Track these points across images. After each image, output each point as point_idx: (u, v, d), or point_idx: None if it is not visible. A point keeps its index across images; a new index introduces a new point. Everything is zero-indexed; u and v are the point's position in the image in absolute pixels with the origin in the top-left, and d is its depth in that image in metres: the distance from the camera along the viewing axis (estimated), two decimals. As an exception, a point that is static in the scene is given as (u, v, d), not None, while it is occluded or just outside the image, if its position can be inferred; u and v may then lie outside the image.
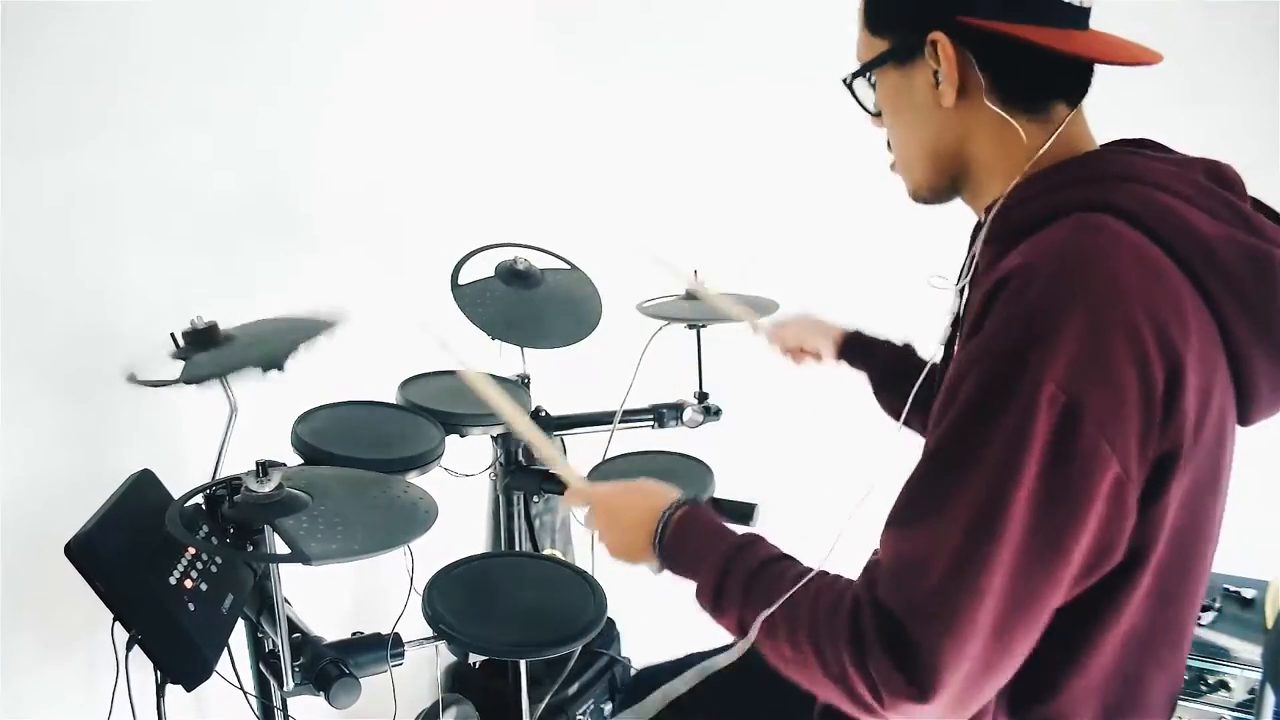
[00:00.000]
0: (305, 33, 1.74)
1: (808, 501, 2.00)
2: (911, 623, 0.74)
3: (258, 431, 1.28)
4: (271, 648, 1.27)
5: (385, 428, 1.48)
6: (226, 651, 1.17)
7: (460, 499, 1.60)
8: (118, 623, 1.04)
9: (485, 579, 1.38)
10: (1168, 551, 0.79)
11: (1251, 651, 1.68)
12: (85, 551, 1.01)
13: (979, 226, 0.94)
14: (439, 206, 2.11)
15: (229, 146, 1.59)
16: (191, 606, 1.09)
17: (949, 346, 0.97)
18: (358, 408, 1.52)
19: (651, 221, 2.39)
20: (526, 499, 1.82)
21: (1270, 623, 1.75)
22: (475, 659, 1.76)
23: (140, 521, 1.10)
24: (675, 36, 2.31)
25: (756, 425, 1.87)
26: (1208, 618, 1.77)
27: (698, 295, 1.70)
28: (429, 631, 1.26)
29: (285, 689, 1.18)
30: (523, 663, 1.35)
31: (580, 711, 1.69)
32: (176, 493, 1.12)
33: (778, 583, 0.85)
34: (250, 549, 1.18)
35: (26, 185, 1.29)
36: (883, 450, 1.31)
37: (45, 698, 1.37)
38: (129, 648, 1.03)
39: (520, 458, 1.79)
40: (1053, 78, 0.85)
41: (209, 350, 1.20)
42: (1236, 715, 1.68)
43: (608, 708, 1.75)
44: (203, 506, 1.15)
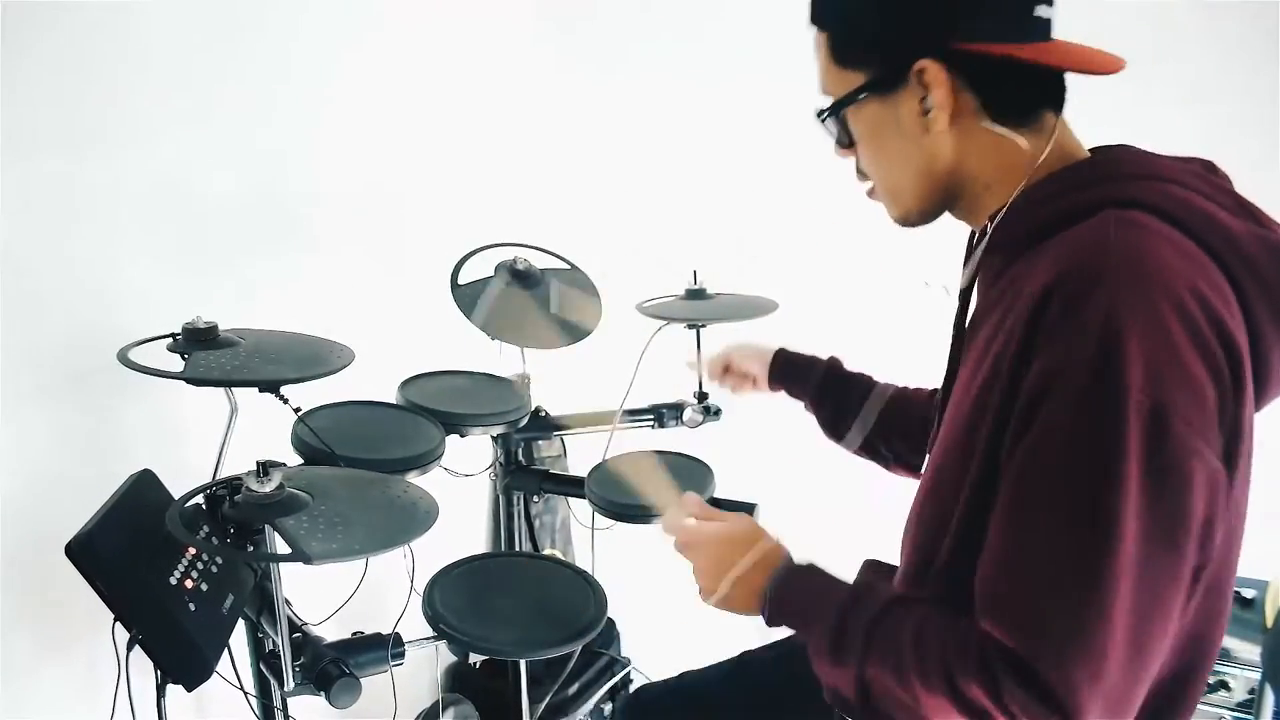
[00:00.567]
0: (305, 33, 1.74)
1: (808, 501, 2.00)
2: (1039, 657, 0.73)
3: (258, 431, 1.28)
4: (272, 648, 1.27)
5: (385, 428, 1.48)
6: (227, 651, 1.17)
7: (460, 499, 1.60)
8: (118, 623, 1.04)
9: (485, 579, 1.38)
10: (1223, 539, 0.79)
11: (1251, 651, 1.68)
12: (85, 551, 1.01)
13: (977, 237, 0.93)
14: (439, 206, 2.11)
15: (229, 147, 1.59)
16: (192, 606, 1.09)
17: (954, 357, 0.96)
18: (358, 408, 1.52)
19: (651, 221, 2.39)
20: (526, 499, 1.82)
21: (1270, 623, 1.75)
22: (475, 659, 1.76)
23: (140, 521, 1.10)
24: (675, 36, 2.31)
25: (756, 425, 1.87)
26: (1207, 618, 1.77)
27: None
28: (429, 631, 1.26)
29: (285, 689, 1.18)
30: (523, 663, 1.35)
31: (580, 712, 1.69)
32: (177, 493, 1.12)
33: (898, 634, 0.83)
34: (251, 549, 1.18)
35: (26, 185, 1.29)
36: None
37: (45, 698, 1.37)
38: (129, 648, 1.03)
39: (520, 458, 1.79)
40: (1040, 90, 0.85)
41: (209, 351, 1.20)
42: (1236, 715, 1.68)
43: (608, 708, 1.76)
44: (203, 506, 1.15)
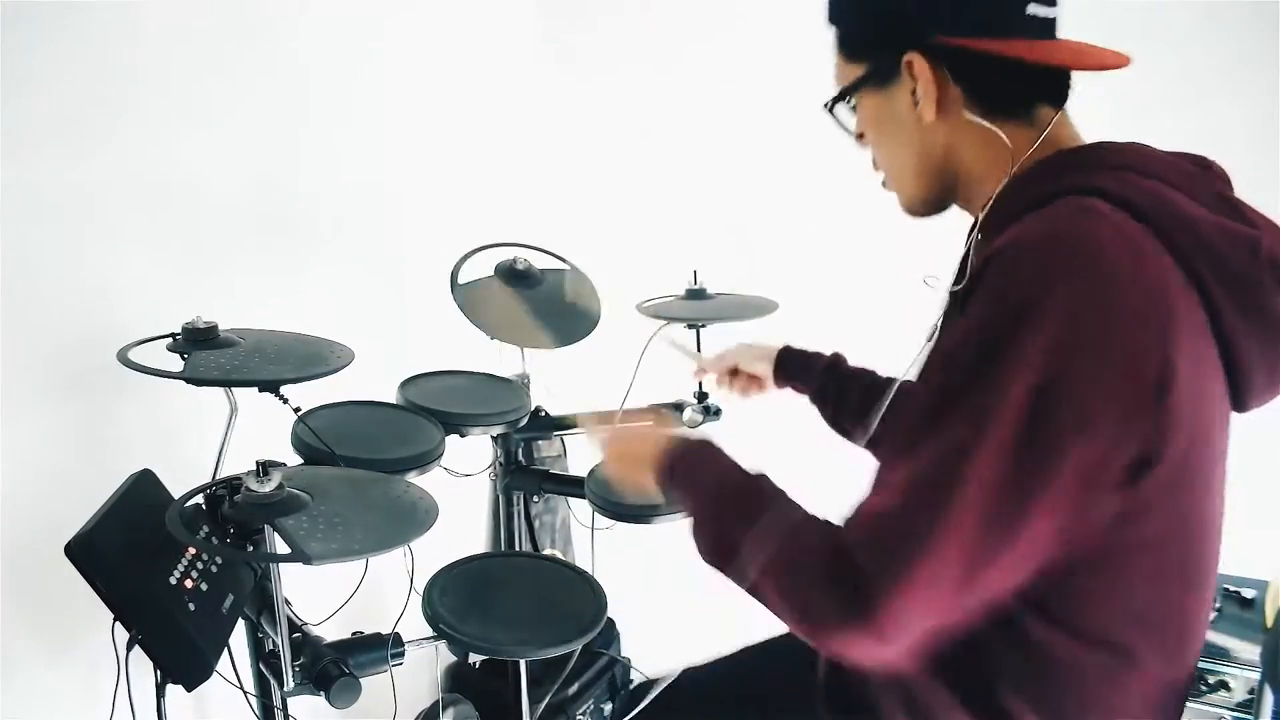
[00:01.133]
0: (306, 33, 1.74)
1: (808, 501, 2.00)
2: (868, 552, 0.76)
3: (258, 431, 1.28)
4: (272, 648, 1.27)
5: (385, 428, 1.48)
6: (227, 651, 1.17)
7: (460, 499, 1.60)
8: (118, 623, 1.04)
9: (485, 579, 1.38)
10: (1165, 537, 0.80)
11: (1251, 651, 1.68)
12: (85, 551, 1.01)
13: (971, 230, 0.95)
14: (439, 206, 2.11)
15: (230, 147, 1.59)
16: (192, 606, 1.09)
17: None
18: (358, 408, 1.52)
19: (651, 222, 2.39)
20: (526, 499, 1.82)
21: (1270, 623, 1.75)
22: (475, 659, 1.76)
23: (140, 521, 1.10)
24: (676, 36, 2.31)
25: (756, 425, 1.87)
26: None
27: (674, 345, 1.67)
28: (429, 631, 1.26)
29: (285, 689, 1.18)
30: (523, 663, 1.35)
31: (580, 711, 1.69)
32: (176, 493, 1.12)
33: (765, 504, 0.88)
34: (250, 549, 1.18)
35: (27, 185, 1.29)
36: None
37: (45, 698, 1.37)
38: (129, 648, 1.03)
39: (520, 458, 1.79)
40: (1028, 84, 0.86)
41: (209, 351, 1.20)
42: (1236, 715, 1.68)
43: (608, 708, 1.76)
44: (203, 506, 1.15)
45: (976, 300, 0.77)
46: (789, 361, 1.44)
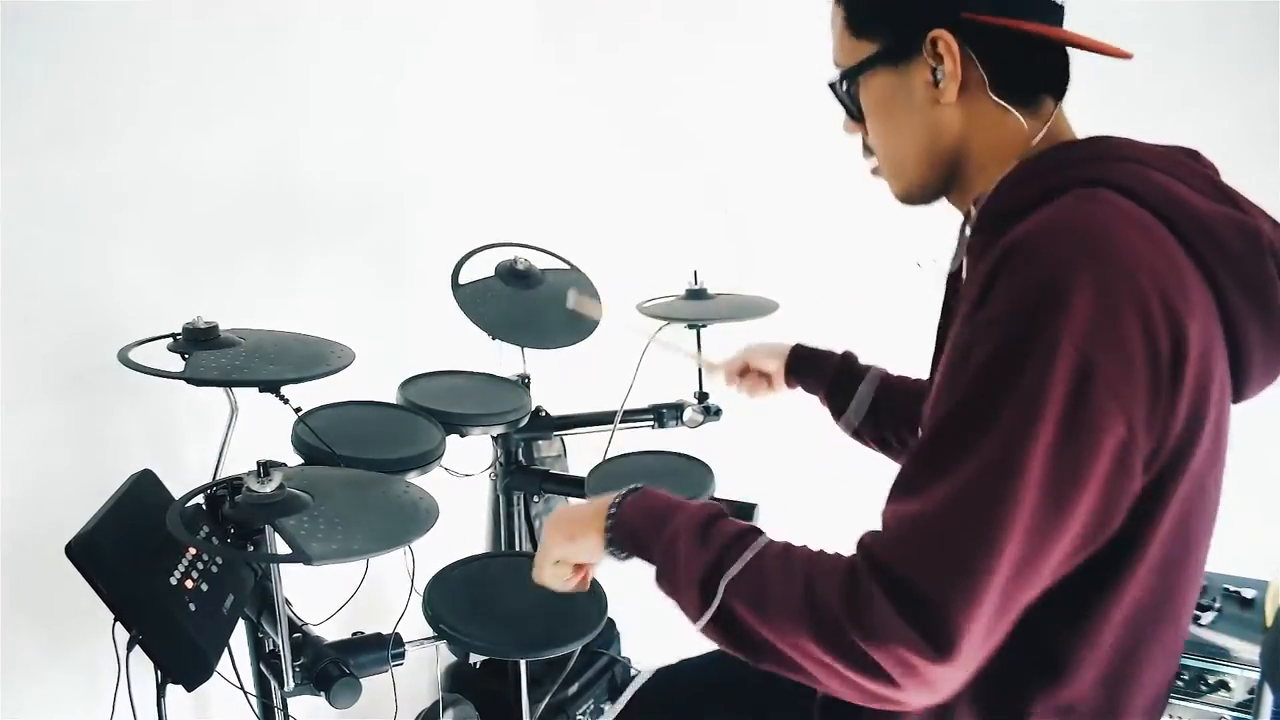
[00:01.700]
0: (306, 33, 1.74)
1: (808, 501, 2.00)
2: (925, 578, 0.72)
3: (258, 431, 1.28)
4: (272, 648, 1.27)
5: (385, 428, 1.48)
6: (227, 651, 1.17)
7: (460, 499, 1.60)
8: (118, 623, 1.04)
9: (485, 579, 1.38)
10: (1172, 525, 0.80)
11: (1251, 651, 1.68)
12: (86, 551, 1.01)
13: (964, 221, 0.94)
14: (439, 206, 2.11)
15: (230, 147, 1.59)
16: (192, 606, 1.09)
17: (941, 336, 0.98)
18: (358, 408, 1.52)
19: (651, 222, 2.39)
20: (526, 499, 1.82)
21: (1270, 622, 1.75)
22: (475, 659, 1.76)
23: (141, 521, 1.10)
24: (676, 36, 2.31)
25: (756, 425, 1.87)
26: (1208, 618, 1.77)
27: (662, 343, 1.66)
28: (429, 631, 1.26)
29: (286, 689, 1.18)
30: (523, 663, 1.35)
31: (580, 711, 1.69)
32: (177, 493, 1.12)
33: (758, 552, 0.83)
34: (251, 549, 1.18)
35: (27, 185, 1.29)
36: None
37: (45, 698, 1.37)
38: (130, 648, 1.03)
39: (520, 458, 1.79)
40: (1044, 71, 0.87)
41: (209, 351, 1.20)
42: (1236, 715, 1.68)
43: (608, 708, 1.76)
44: (203, 506, 1.15)
45: (998, 295, 0.76)
46: (800, 360, 1.42)
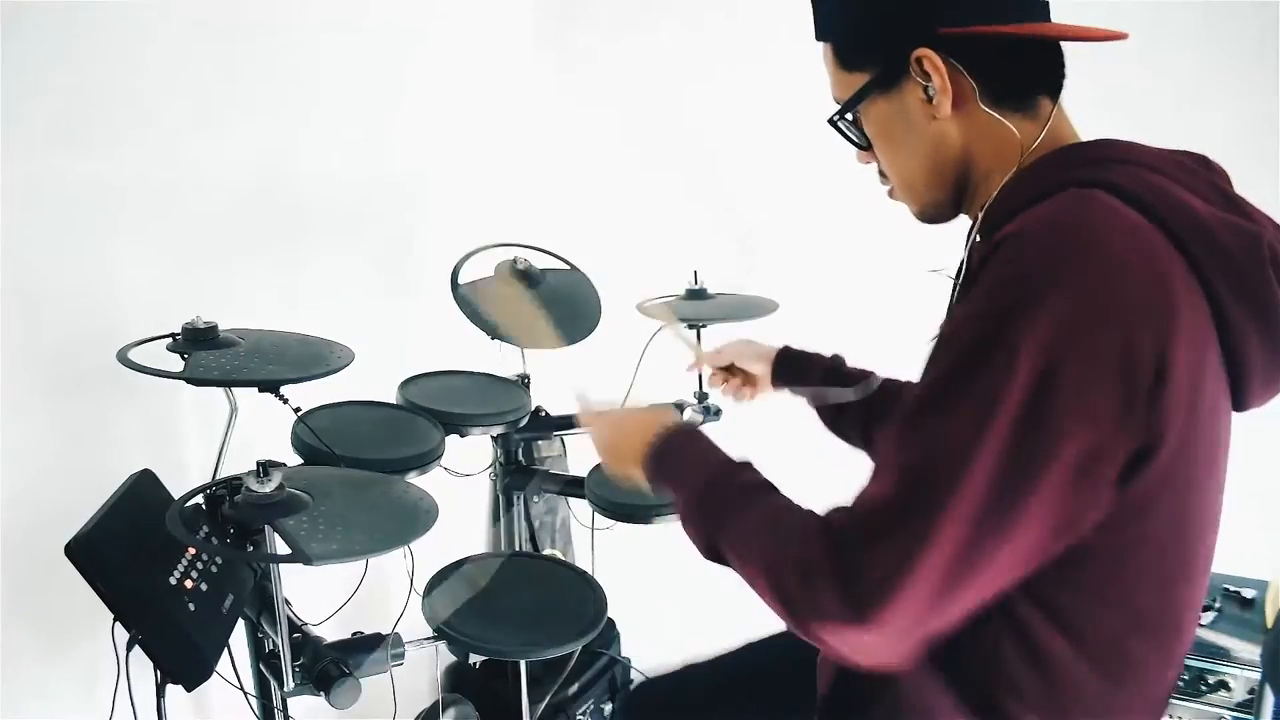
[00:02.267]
0: (305, 33, 1.74)
1: (807, 502, 2.00)
2: (867, 557, 0.75)
3: (258, 431, 1.28)
4: (272, 648, 1.27)
5: (385, 428, 1.48)
6: (227, 651, 1.17)
7: (460, 499, 1.60)
8: (118, 623, 1.04)
9: (485, 579, 1.38)
10: (1168, 534, 0.80)
11: (1251, 651, 1.68)
12: (85, 551, 1.01)
13: (971, 225, 0.94)
14: (439, 206, 2.11)
15: (230, 147, 1.59)
16: (192, 606, 1.09)
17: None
18: (358, 408, 1.52)
19: (652, 222, 2.39)
20: (526, 499, 1.82)
21: (1270, 623, 1.75)
22: (475, 659, 1.76)
23: (140, 521, 1.10)
24: (676, 36, 2.31)
25: (756, 425, 1.87)
26: (1208, 618, 1.77)
27: (648, 312, 1.70)
28: (429, 631, 1.26)
29: (285, 689, 1.18)
30: (523, 663, 1.35)
31: (580, 711, 1.69)
32: (176, 493, 1.12)
33: (759, 508, 0.87)
34: (251, 549, 1.18)
35: (28, 184, 1.29)
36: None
37: (45, 698, 1.37)
38: (129, 648, 1.03)
39: (520, 458, 1.79)
40: (1034, 71, 0.87)
41: (208, 351, 1.20)
42: (1236, 715, 1.68)
43: (607, 708, 1.76)
44: (203, 507, 1.15)
45: (979, 288, 0.76)
46: (787, 363, 1.40)
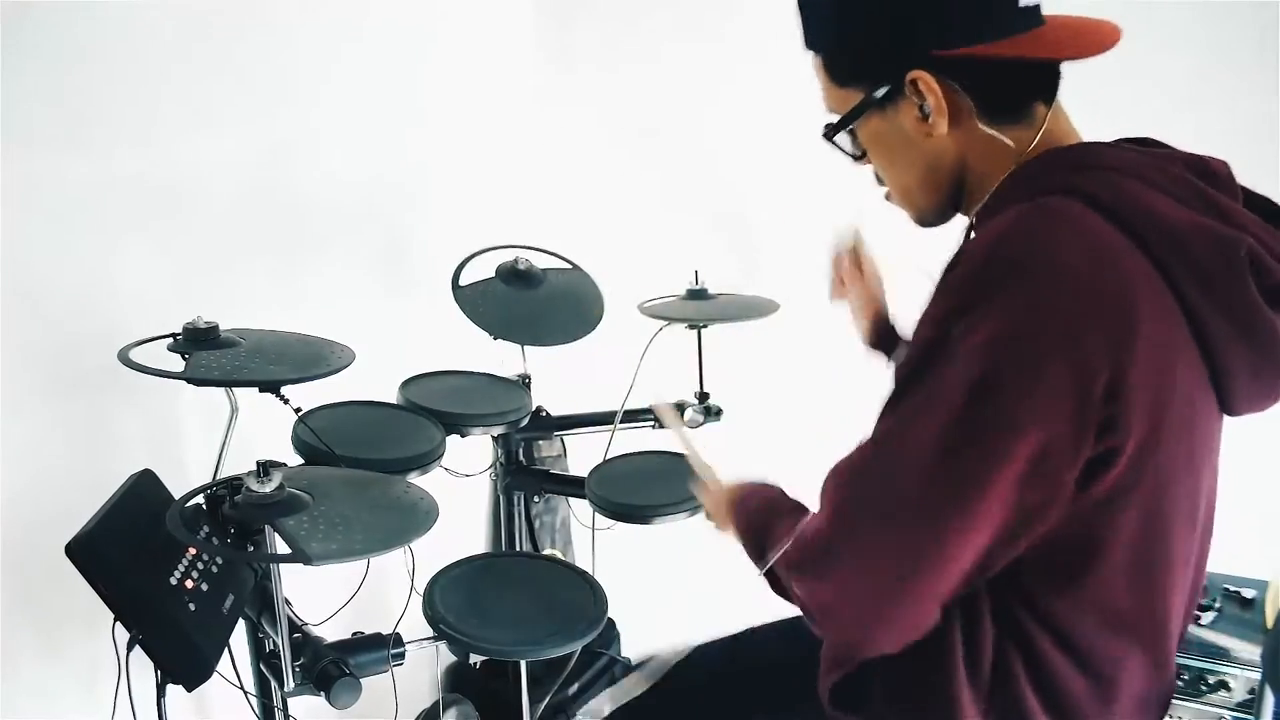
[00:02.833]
0: (306, 33, 1.73)
1: (808, 501, 2.00)
2: (828, 522, 0.84)
3: (258, 431, 1.28)
4: (272, 648, 1.27)
5: (385, 428, 1.48)
6: (227, 651, 1.17)
7: (460, 499, 1.60)
8: (118, 623, 1.04)
9: (485, 579, 1.38)
10: (1140, 533, 0.81)
11: (1251, 651, 1.68)
12: (86, 551, 1.01)
13: (968, 227, 0.96)
14: (439, 207, 2.11)
15: (230, 147, 1.59)
16: (192, 606, 1.09)
17: None
18: (358, 408, 1.52)
19: (653, 221, 2.39)
20: (526, 499, 1.82)
21: (1270, 623, 1.75)
22: (475, 659, 1.76)
23: (141, 521, 1.10)
24: (676, 35, 2.30)
25: (756, 425, 1.87)
26: (1208, 618, 1.77)
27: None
28: (429, 631, 1.26)
29: (286, 689, 1.18)
30: (523, 663, 1.35)
31: (580, 711, 1.69)
32: (177, 493, 1.12)
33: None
34: (251, 549, 1.18)
35: (27, 185, 1.29)
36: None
37: (45, 698, 1.37)
38: (129, 648, 1.03)
39: (520, 457, 1.79)
40: (1029, 84, 0.87)
41: (209, 351, 1.20)
42: (1236, 715, 1.68)
43: (607, 708, 1.75)
44: (203, 507, 1.15)
45: (935, 293, 0.81)
46: (886, 335, 1.35)
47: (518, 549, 1.81)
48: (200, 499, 1.14)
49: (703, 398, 1.80)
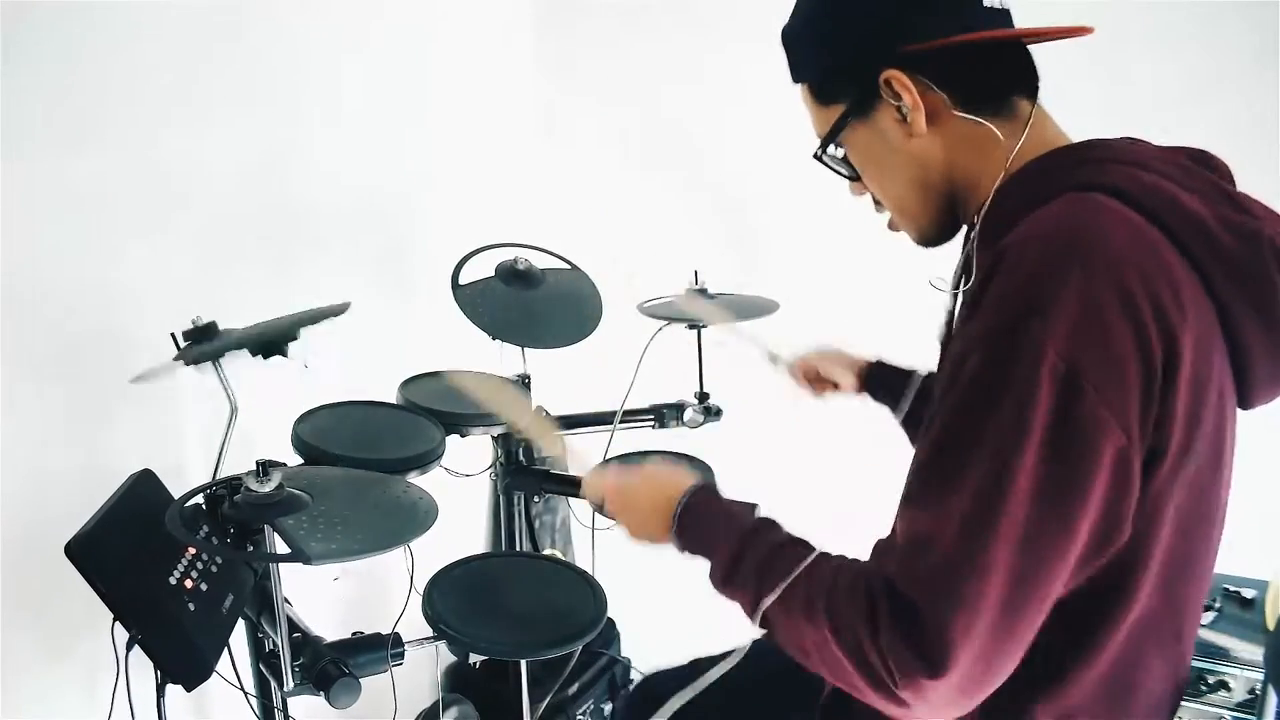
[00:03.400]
0: (306, 33, 1.74)
1: (808, 501, 2.00)
2: (921, 597, 0.73)
3: (258, 431, 1.28)
4: (271, 648, 1.27)
5: (385, 428, 1.48)
6: (226, 651, 1.17)
7: (460, 499, 1.60)
8: (118, 623, 1.04)
9: (485, 579, 1.38)
10: (1173, 534, 0.80)
11: (1251, 651, 1.68)
12: (85, 551, 1.01)
13: (969, 232, 0.94)
14: (439, 207, 2.11)
15: (230, 147, 1.59)
16: (191, 606, 1.09)
17: (945, 348, 0.97)
18: (358, 408, 1.52)
19: (652, 222, 2.39)
20: (526, 499, 1.82)
21: (1270, 623, 1.75)
22: (475, 659, 1.76)
23: (140, 521, 1.10)
24: (676, 35, 2.30)
25: (756, 425, 1.87)
26: (1208, 618, 1.77)
27: (702, 318, 1.68)
28: (429, 631, 1.26)
29: (285, 689, 1.18)
30: (523, 663, 1.35)
31: (580, 711, 1.69)
32: (176, 493, 1.12)
33: (792, 564, 0.85)
34: (250, 549, 1.18)
35: (26, 185, 1.29)
36: (882, 451, 1.32)
37: (45, 698, 1.37)
38: (129, 648, 1.03)
39: (520, 458, 1.79)
40: (1003, 74, 0.87)
41: (207, 344, 1.20)
42: (1236, 715, 1.68)
43: (608, 708, 1.76)
44: (203, 506, 1.15)
45: (986, 303, 0.76)
46: (878, 379, 1.38)
47: (518, 549, 1.81)
48: (200, 499, 1.14)
49: (703, 398, 1.80)
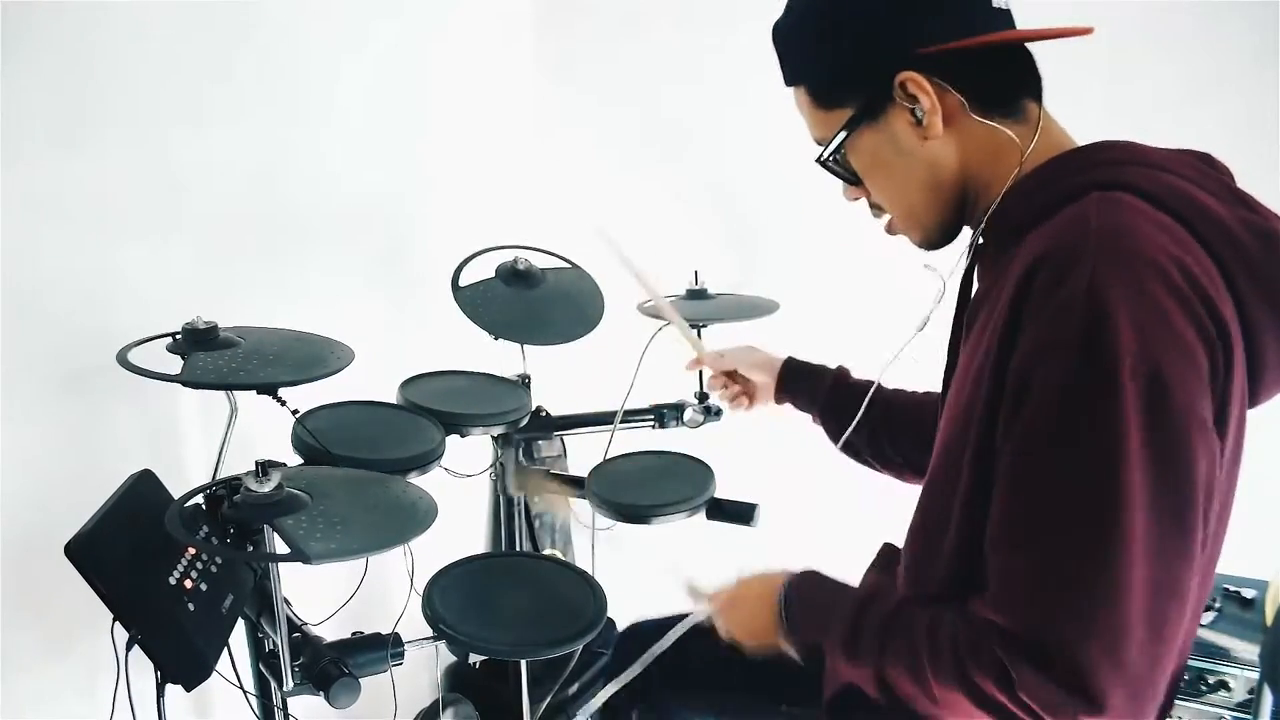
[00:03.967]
0: (306, 33, 1.74)
1: (808, 501, 2.00)
2: (1053, 639, 0.72)
3: (258, 432, 1.28)
4: (271, 648, 1.27)
5: (385, 428, 1.48)
6: (226, 651, 1.17)
7: (460, 499, 1.60)
8: (118, 623, 1.04)
9: (485, 579, 1.38)
10: (1214, 524, 0.80)
11: (1251, 651, 1.68)
12: (85, 551, 1.01)
13: (974, 233, 0.94)
14: (440, 206, 2.11)
15: (230, 147, 1.59)
16: (191, 606, 1.09)
17: (953, 350, 0.97)
18: (358, 408, 1.52)
19: (652, 222, 2.39)
20: (527, 499, 1.82)
21: (1270, 622, 1.75)
22: (475, 659, 1.76)
23: (140, 521, 1.10)
24: (676, 35, 2.30)
25: (756, 425, 1.87)
26: (1208, 618, 1.77)
27: (656, 308, 1.62)
28: (429, 631, 1.26)
29: (285, 689, 1.18)
30: (523, 663, 1.35)
31: (580, 711, 1.69)
32: (176, 493, 1.12)
33: (910, 632, 0.83)
34: (250, 549, 1.18)
35: (26, 185, 1.29)
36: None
37: (45, 698, 1.37)
38: (129, 648, 1.03)
39: (520, 458, 1.79)
40: (1015, 75, 0.87)
41: (208, 352, 1.20)
42: (1236, 715, 1.68)
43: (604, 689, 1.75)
44: (203, 507, 1.15)
45: (1037, 321, 0.73)
46: (793, 375, 1.37)
47: (518, 549, 1.81)
48: (200, 499, 1.14)
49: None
